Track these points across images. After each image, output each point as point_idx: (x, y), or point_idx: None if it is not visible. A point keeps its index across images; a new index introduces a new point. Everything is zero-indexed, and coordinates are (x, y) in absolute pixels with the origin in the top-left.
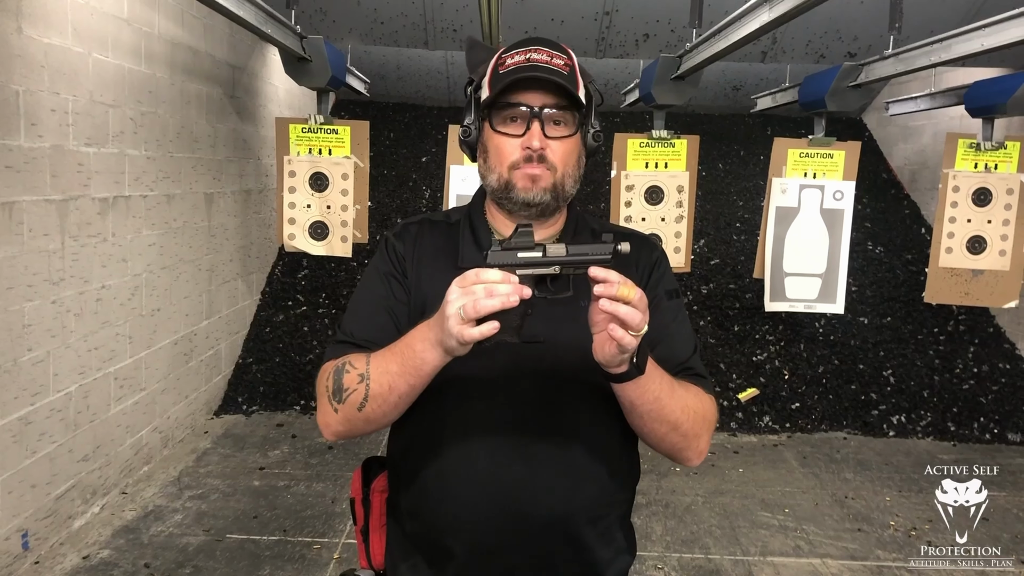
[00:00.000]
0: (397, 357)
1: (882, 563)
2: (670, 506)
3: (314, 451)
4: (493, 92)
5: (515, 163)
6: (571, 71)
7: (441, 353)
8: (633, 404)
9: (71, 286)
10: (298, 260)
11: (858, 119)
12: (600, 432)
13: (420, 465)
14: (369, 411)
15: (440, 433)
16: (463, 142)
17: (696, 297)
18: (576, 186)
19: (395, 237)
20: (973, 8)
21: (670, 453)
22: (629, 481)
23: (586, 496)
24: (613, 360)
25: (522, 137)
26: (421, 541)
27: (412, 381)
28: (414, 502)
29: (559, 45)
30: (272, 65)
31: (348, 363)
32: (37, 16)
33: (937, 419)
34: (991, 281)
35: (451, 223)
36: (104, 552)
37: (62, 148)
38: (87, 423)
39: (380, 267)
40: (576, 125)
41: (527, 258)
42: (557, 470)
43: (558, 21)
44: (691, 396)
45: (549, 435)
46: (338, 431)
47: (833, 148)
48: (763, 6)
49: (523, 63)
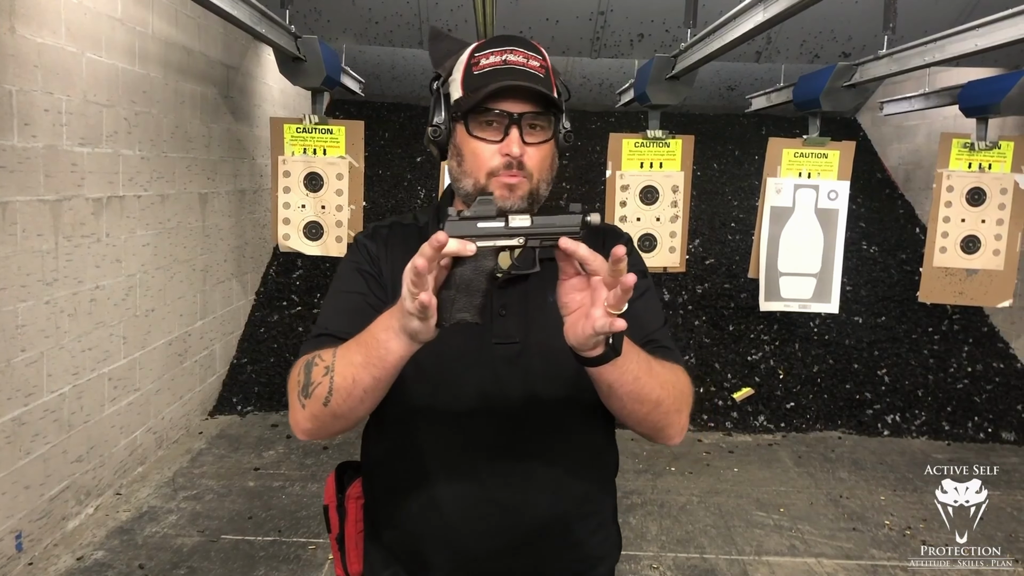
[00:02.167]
0: (361, 348)
1: (877, 562)
2: (665, 506)
3: (309, 452)
4: (469, 96)
5: (494, 170)
6: (546, 73)
7: (406, 340)
8: (611, 387)
9: (65, 286)
10: (293, 260)
11: (852, 119)
12: (584, 429)
13: (398, 472)
14: (335, 406)
15: (417, 437)
16: (433, 141)
17: (691, 297)
18: (549, 189)
19: (366, 238)
20: (967, 8)
21: (652, 433)
22: (613, 475)
23: (578, 494)
24: (587, 343)
25: (500, 143)
26: (401, 551)
27: (376, 373)
28: (393, 510)
29: (532, 44)
30: (266, 65)
31: (318, 356)
32: (30, 16)
33: (931, 418)
34: (985, 281)
35: (420, 225)
36: (98, 553)
37: (56, 148)
38: (81, 424)
39: (353, 264)
40: (552, 129)
41: (488, 228)
42: (547, 471)
43: (553, 21)
44: (668, 371)
45: (534, 437)
46: (307, 428)
47: (827, 148)
48: (757, 6)
49: (499, 65)
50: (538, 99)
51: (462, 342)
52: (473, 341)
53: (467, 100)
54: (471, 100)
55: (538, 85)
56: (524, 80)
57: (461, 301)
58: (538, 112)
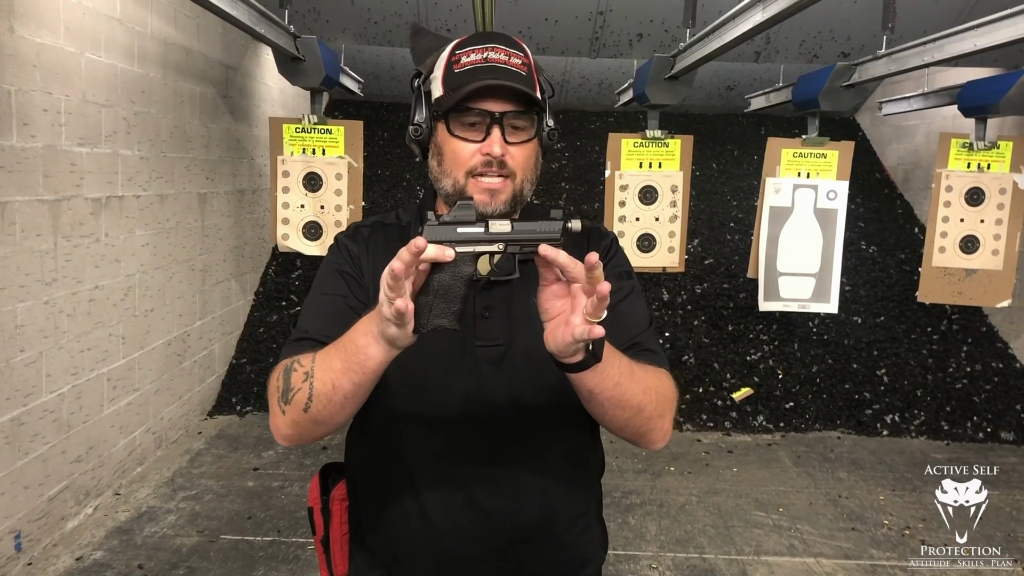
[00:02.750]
0: (341, 353)
1: (876, 562)
2: (664, 506)
3: (308, 452)
4: (450, 95)
5: (473, 168)
6: (529, 70)
7: (385, 346)
8: (592, 393)
9: (64, 286)
10: (292, 260)
11: (851, 119)
12: (569, 430)
13: (382, 475)
14: (315, 412)
15: (401, 440)
16: (414, 140)
17: (690, 297)
18: (533, 188)
19: (347, 238)
20: (966, 8)
21: (634, 438)
22: (598, 476)
23: (565, 495)
24: (567, 350)
25: (481, 143)
26: (385, 555)
27: (356, 379)
28: (376, 514)
29: (514, 40)
30: (265, 65)
31: (297, 361)
32: (29, 15)
33: (930, 418)
34: (984, 280)
35: (402, 225)
36: (97, 553)
37: (55, 148)
38: (80, 424)
39: (334, 266)
40: (535, 128)
41: (467, 234)
42: (532, 473)
43: (552, 21)
44: (651, 376)
45: (518, 439)
46: (287, 435)
47: (826, 148)
48: (756, 6)
49: (480, 63)
50: (520, 98)
51: (445, 344)
52: (457, 343)
53: (448, 99)
54: (451, 99)
55: (520, 83)
56: (505, 79)
57: (439, 307)
58: (520, 111)
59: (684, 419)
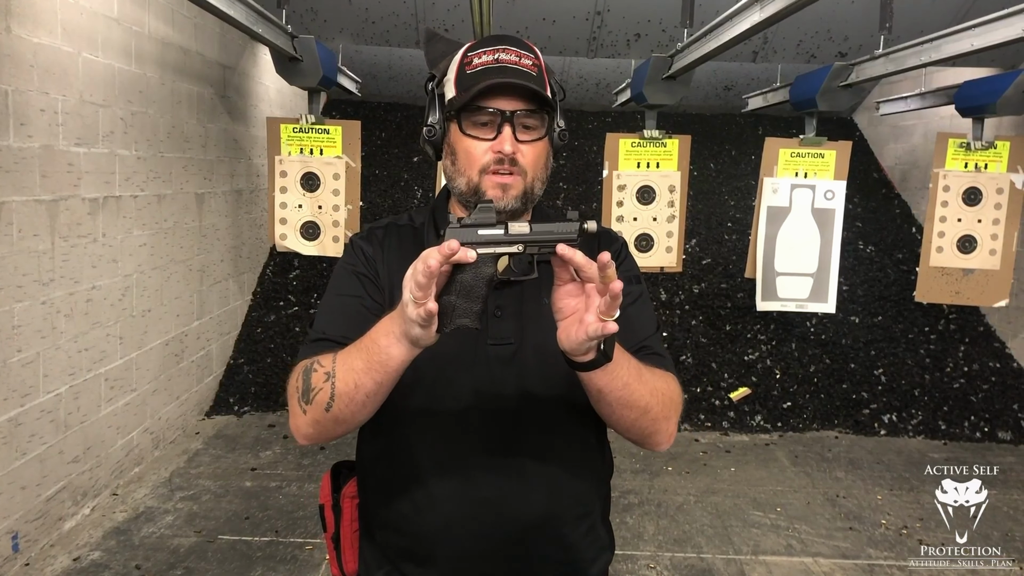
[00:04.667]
0: (362, 353)
1: (873, 561)
2: (662, 505)
3: (306, 452)
4: (462, 95)
5: (485, 166)
6: (539, 71)
7: (407, 346)
8: (601, 392)
9: (61, 287)
10: (289, 260)
11: (849, 119)
12: (579, 430)
13: (393, 472)
14: (337, 411)
15: (412, 437)
16: (428, 141)
17: (688, 296)
18: (543, 187)
19: (362, 240)
20: (963, 8)
21: (640, 439)
22: (607, 475)
23: (571, 495)
24: (580, 348)
25: (493, 141)
26: (395, 550)
27: (378, 378)
28: (386, 510)
29: (525, 43)
30: (263, 65)
31: (317, 362)
32: (26, 15)
33: (928, 418)
34: (981, 280)
35: (416, 226)
36: (95, 554)
37: (52, 148)
38: (77, 424)
39: (349, 267)
40: (546, 127)
41: (487, 235)
42: (541, 471)
43: (549, 21)
44: (658, 379)
45: (528, 437)
46: (308, 434)
47: (824, 148)
48: (754, 6)
49: (491, 64)
50: (530, 97)
51: (458, 343)
52: (469, 342)
53: (460, 99)
54: (463, 99)
55: (530, 83)
56: (516, 78)
57: (462, 307)
58: (531, 110)
59: (682, 419)
